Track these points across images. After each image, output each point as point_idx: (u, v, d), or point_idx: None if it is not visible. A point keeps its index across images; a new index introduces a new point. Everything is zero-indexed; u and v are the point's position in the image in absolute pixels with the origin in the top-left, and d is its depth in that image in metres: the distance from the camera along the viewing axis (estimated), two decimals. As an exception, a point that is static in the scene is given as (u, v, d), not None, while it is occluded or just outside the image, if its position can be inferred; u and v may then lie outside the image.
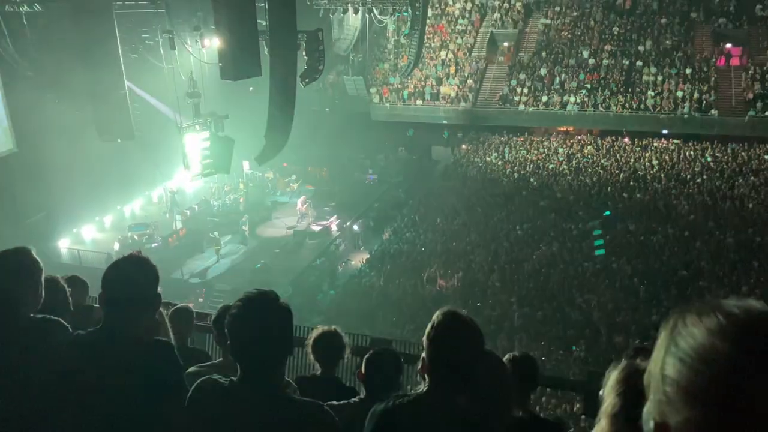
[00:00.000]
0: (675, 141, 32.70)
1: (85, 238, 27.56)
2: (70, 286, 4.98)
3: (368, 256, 25.86)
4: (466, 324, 2.38)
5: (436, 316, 2.40)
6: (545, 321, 18.40)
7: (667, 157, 31.07)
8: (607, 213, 25.85)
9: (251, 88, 29.05)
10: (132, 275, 2.59)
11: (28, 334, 2.74)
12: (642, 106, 33.30)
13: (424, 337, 2.40)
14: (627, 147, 33.20)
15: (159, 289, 2.77)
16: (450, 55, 39.36)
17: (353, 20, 31.57)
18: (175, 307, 4.99)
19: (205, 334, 6.13)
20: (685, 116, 32.40)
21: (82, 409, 2.48)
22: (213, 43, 18.27)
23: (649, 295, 19.02)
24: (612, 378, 1.99)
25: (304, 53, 19.78)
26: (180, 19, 20.57)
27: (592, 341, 16.99)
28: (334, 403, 3.20)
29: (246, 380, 2.33)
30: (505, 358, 3.73)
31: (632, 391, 1.92)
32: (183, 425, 2.44)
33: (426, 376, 2.44)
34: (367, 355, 3.67)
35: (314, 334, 4.04)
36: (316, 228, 28.63)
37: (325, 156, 35.65)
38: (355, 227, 29.42)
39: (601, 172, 30.53)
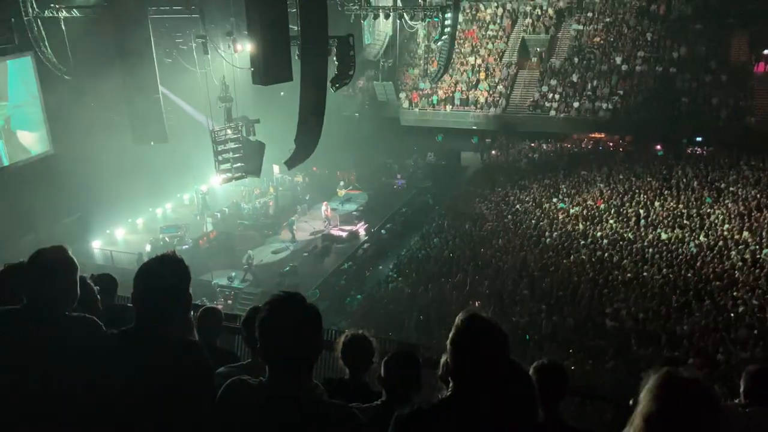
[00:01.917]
0: (709, 148, 32.13)
1: (117, 240, 28.02)
2: (98, 284, 5.08)
3: (396, 261, 25.84)
4: (491, 327, 2.35)
5: (459, 319, 2.37)
6: (574, 330, 18.17)
7: (701, 165, 30.52)
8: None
9: (282, 93, 29.29)
10: (164, 275, 2.63)
11: (64, 332, 2.80)
12: (676, 113, 32.81)
13: (448, 341, 2.38)
14: (660, 154, 32.71)
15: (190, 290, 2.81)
16: (480, 61, 39.28)
17: (384, 26, 31.66)
18: (204, 308, 5.05)
19: (234, 336, 6.19)
20: (721, 123, 31.83)
21: (113, 406, 2.53)
22: (245, 48, 18.46)
23: (681, 305, 18.67)
24: (651, 381, 1.97)
25: (334, 58, 19.89)
26: (213, 25, 20.85)
27: (622, 351, 16.73)
28: (355, 405, 3.21)
29: (274, 381, 2.35)
30: (533, 366, 3.71)
31: (668, 397, 1.90)
32: (212, 425, 2.46)
33: (449, 380, 2.43)
34: (385, 358, 3.68)
35: (343, 337, 4.05)
36: (340, 232, 28.71)
37: (354, 160, 35.78)
38: (383, 232, 29.42)
39: (634, 179, 30.09)
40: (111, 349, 2.62)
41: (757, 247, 22.08)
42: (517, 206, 28.92)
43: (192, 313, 4.72)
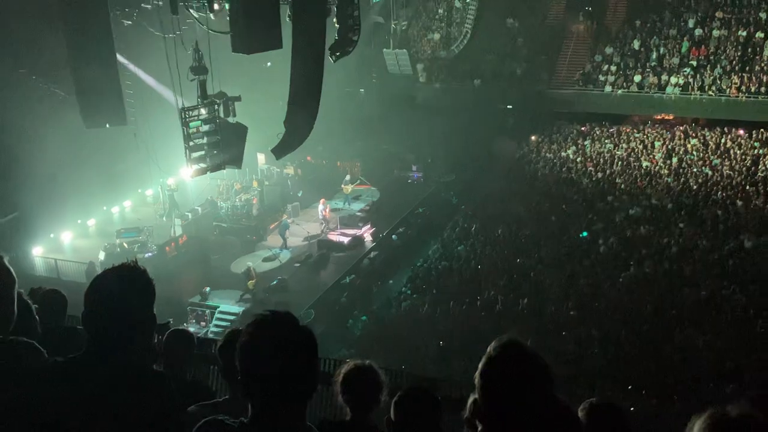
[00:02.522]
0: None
1: (64, 246, 28.16)
2: (43, 303, 5.10)
3: (410, 275, 25.84)
4: (531, 358, 2.35)
5: (492, 347, 2.37)
6: (634, 362, 18.13)
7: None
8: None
9: (269, 64, 29.35)
10: (122, 290, 2.63)
11: (-3, 360, 2.80)
12: (762, 88, 32.65)
13: (477, 374, 2.38)
14: (743, 141, 32.57)
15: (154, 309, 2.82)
16: (517, 23, 39.22)
17: (396, -21, 31.72)
18: (172, 330, 5.08)
19: (209, 366, 6.22)
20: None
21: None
22: (224, 7, 18.51)
23: (770, 332, 18.62)
24: (696, 427, 1.98)
25: (334, 20, 19.92)
26: (184, -22, 20.88)
27: (694, 389, 16.68)
28: None
29: (259, 423, 2.36)
30: (582, 406, 3.70)
31: None
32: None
33: (477, 423, 2.43)
34: (396, 397, 3.68)
35: (344, 369, 4.04)
36: (341, 238, 28.71)
37: (359, 148, 35.76)
38: (394, 237, 29.43)
39: (709, 172, 29.97)
40: (55, 381, 2.63)
41: None
42: (563, 206, 28.87)
43: (156, 337, 4.74)
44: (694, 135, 34.01)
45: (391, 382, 4.39)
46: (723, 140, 32.74)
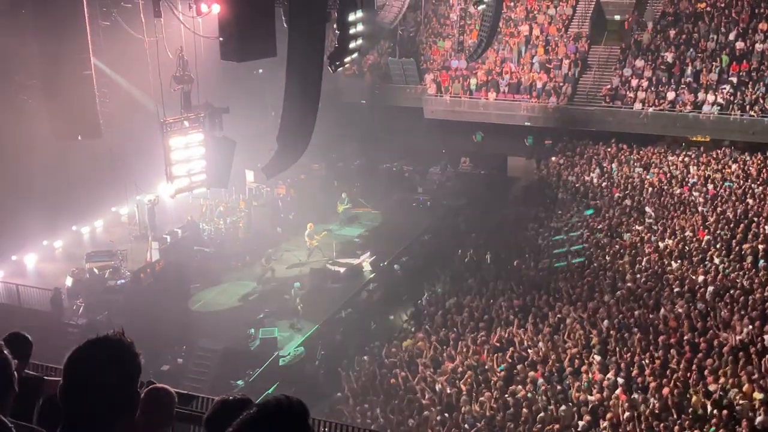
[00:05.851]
0: None
1: (27, 269, 28.10)
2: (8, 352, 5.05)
3: (413, 309, 25.77)
4: None
5: None
6: (661, 414, 17.99)
7: None
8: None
9: (260, 71, 29.47)
10: (105, 367, 2.60)
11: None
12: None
13: None
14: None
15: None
16: (538, 32, 39.42)
17: (404, -19, 31.89)
18: (151, 388, 5.02)
19: (189, 425, 6.16)
20: None
21: None
22: (212, 10, 18.59)
23: None
24: None
25: (334, 25, 20.01)
26: (169, -24, 21.01)
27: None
28: None
29: None
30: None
31: None
32: None
33: None
34: None
35: None
36: (336, 267, 28.68)
37: (359, 166, 35.78)
38: (396, 267, 29.38)
39: (751, 202, 29.94)
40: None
41: None
42: (586, 235, 28.87)
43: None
44: (733, 160, 34.03)
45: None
46: (766, 166, 32.76)
